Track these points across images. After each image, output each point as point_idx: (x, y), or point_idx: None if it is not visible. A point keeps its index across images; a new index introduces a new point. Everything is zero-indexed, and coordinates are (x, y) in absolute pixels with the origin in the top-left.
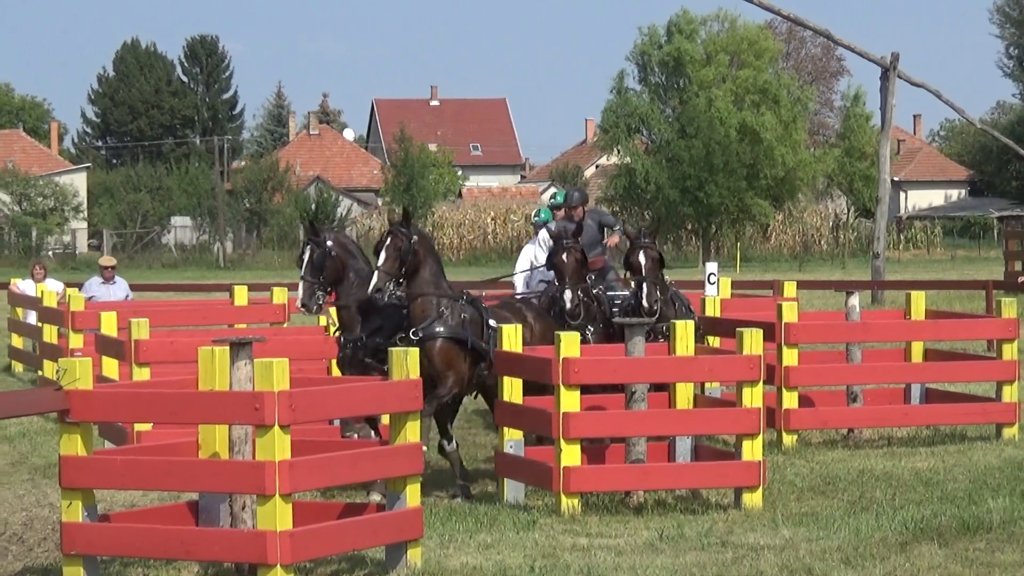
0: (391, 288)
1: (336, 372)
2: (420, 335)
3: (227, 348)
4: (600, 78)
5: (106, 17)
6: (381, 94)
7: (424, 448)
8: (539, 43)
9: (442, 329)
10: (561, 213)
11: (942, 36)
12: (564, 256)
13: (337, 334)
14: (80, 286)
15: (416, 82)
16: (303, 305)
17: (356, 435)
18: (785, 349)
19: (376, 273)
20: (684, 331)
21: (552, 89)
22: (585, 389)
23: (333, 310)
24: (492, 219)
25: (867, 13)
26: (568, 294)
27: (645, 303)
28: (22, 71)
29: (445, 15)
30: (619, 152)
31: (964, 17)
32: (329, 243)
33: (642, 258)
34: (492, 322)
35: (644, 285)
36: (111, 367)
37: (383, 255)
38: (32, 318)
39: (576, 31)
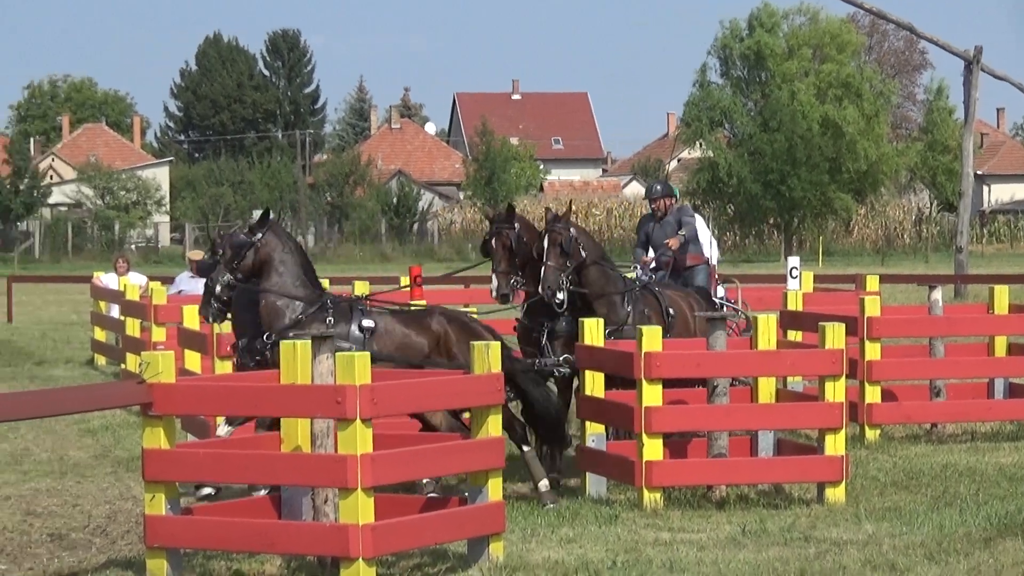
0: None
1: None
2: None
3: (309, 342)
4: (682, 71)
5: (188, 12)
6: (463, 88)
7: None
8: (621, 37)
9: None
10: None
11: None
12: (493, 241)
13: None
14: (167, 280)
15: (498, 76)
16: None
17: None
18: (868, 343)
19: (546, 271)
20: (766, 326)
21: (634, 83)
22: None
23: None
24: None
25: (950, 6)
26: (495, 281)
27: (540, 289)
28: (105, 66)
29: (527, 9)
30: (701, 146)
31: None
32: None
33: (545, 243)
34: None
35: (543, 271)
36: (193, 360)
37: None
38: (115, 311)
39: (658, 25)
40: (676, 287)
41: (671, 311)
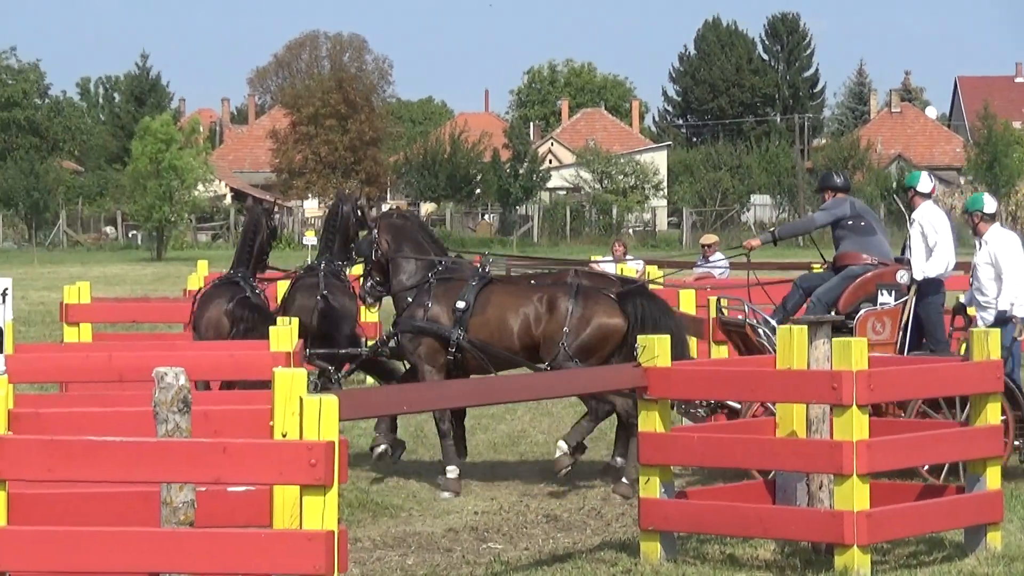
0: None
1: None
2: None
3: (805, 327)
4: None
5: None
6: (965, 71)
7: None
8: None
9: None
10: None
11: None
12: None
13: None
14: (661, 264)
15: (1001, 59)
16: None
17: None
18: None
19: None
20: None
21: None
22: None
23: None
24: None
25: None
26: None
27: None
28: (605, 50)
29: None
30: None
31: None
32: None
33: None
34: None
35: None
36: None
37: None
38: None
39: None
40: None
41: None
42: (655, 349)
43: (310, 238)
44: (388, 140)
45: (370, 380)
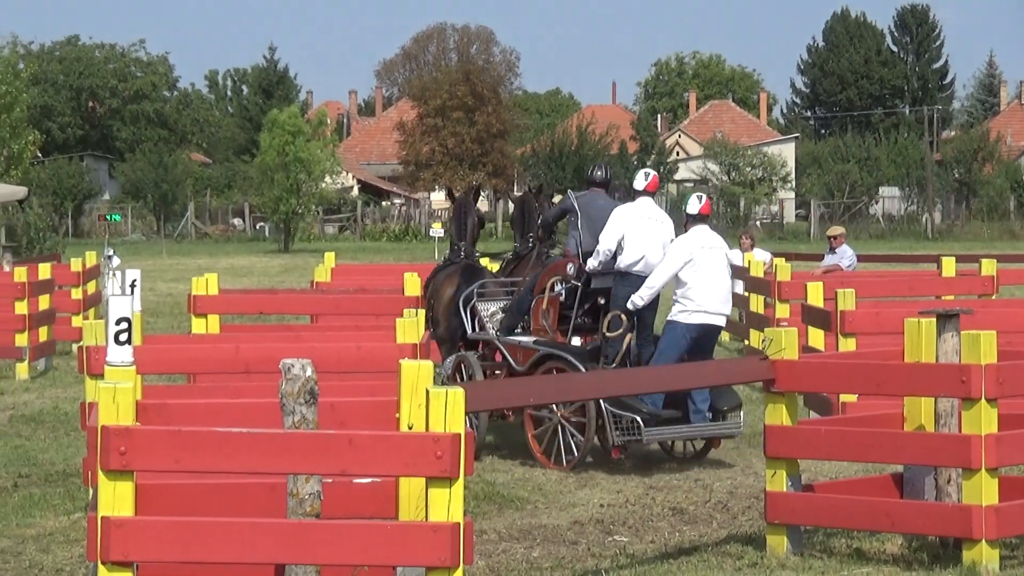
0: None
1: None
2: None
3: (933, 320)
4: None
5: None
6: None
7: None
8: None
9: None
10: None
11: None
12: None
13: None
14: (790, 257)
15: None
16: None
17: None
18: None
19: None
20: None
21: None
22: None
23: None
24: None
25: None
26: None
27: None
28: (733, 42)
29: None
30: None
31: None
32: None
33: None
34: None
35: None
36: (817, 337)
37: None
38: (739, 287)
39: None
40: None
41: None
42: (782, 342)
43: (437, 230)
44: (515, 132)
45: None
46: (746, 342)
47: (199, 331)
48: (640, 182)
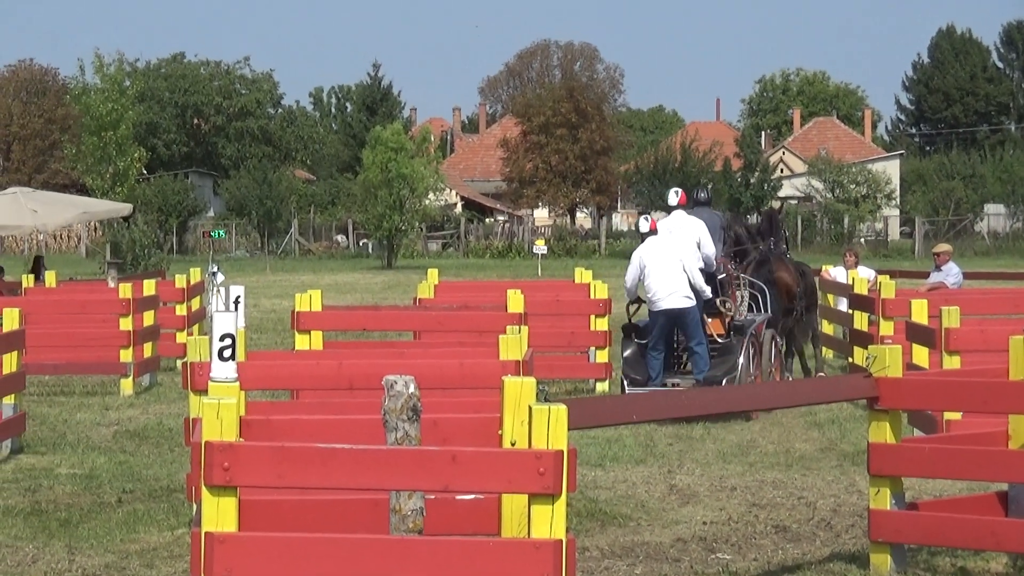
0: None
1: None
2: None
3: None
4: None
5: (922, 4)
6: None
7: None
8: None
9: None
10: None
11: None
12: None
13: None
14: (894, 274)
15: None
16: None
17: None
18: None
19: None
20: None
21: None
22: None
23: None
24: None
25: None
26: None
27: None
28: (838, 59)
29: None
30: None
31: None
32: None
33: None
34: None
35: None
36: (921, 355)
37: None
38: (843, 305)
39: None
40: None
41: None
42: (886, 359)
43: (540, 247)
44: (619, 149)
45: None
46: (850, 359)
47: (302, 347)
48: (673, 199)
